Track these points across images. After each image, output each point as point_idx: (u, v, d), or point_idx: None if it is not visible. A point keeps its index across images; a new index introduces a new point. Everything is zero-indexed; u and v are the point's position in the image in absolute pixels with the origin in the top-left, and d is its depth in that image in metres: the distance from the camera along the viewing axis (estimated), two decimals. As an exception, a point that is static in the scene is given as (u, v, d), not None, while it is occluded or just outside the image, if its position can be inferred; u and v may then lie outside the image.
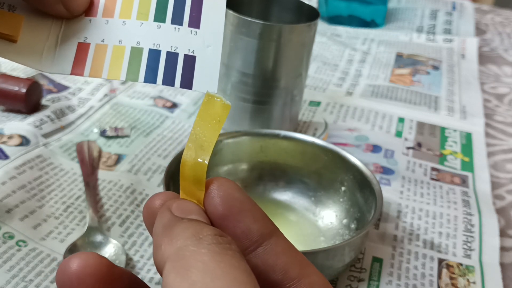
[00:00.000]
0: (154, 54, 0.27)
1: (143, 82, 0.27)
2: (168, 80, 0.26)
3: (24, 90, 0.56)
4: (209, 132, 0.23)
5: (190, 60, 0.26)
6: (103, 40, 0.27)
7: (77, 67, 0.27)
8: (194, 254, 0.17)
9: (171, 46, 0.27)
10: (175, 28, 0.27)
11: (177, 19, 0.27)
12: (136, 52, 0.27)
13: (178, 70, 0.26)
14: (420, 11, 1.05)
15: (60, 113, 0.59)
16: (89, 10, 0.28)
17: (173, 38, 0.27)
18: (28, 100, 0.57)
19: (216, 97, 0.24)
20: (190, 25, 0.27)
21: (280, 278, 0.21)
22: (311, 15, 0.56)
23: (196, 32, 0.27)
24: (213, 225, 0.21)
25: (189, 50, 0.27)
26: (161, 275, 0.18)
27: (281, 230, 0.23)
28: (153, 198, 0.22)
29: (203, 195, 0.21)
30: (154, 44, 0.27)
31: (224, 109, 0.24)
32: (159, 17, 0.27)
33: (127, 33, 0.27)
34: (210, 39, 0.27)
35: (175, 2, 0.28)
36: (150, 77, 0.26)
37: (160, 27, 0.27)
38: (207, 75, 0.26)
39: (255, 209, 0.21)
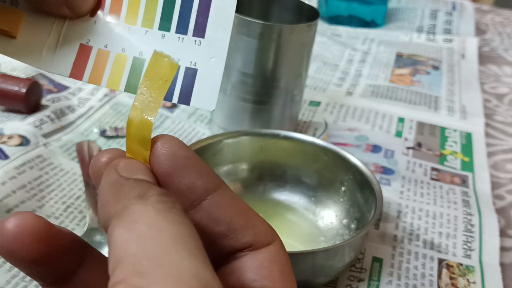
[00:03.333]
0: None
1: None
2: (167, 95, 0.25)
3: (24, 90, 0.56)
4: (156, 91, 0.23)
5: (190, 73, 0.26)
6: (106, 46, 0.26)
7: (77, 70, 0.26)
8: (140, 211, 0.18)
9: (174, 58, 0.26)
10: (179, 38, 0.26)
11: (182, 27, 0.26)
12: (138, 62, 0.26)
13: (177, 83, 0.25)
14: (420, 11, 1.05)
15: (60, 113, 0.59)
16: (95, 10, 0.27)
17: (176, 49, 0.26)
18: (28, 100, 0.57)
19: (163, 56, 0.24)
20: (195, 34, 0.26)
21: (225, 230, 0.21)
22: (311, 15, 0.56)
23: (200, 42, 0.26)
24: (159, 182, 0.21)
25: (191, 62, 0.26)
26: (106, 232, 0.19)
27: (281, 230, 0.23)
28: (99, 155, 0.23)
29: (148, 154, 0.22)
30: None
31: (172, 69, 0.24)
32: (164, 25, 0.26)
33: (131, 41, 0.26)
34: (214, 49, 0.26)
35: (181, 8, 0.27)
36: None
37: (164, 36, 0.26)
38: (207, 90, 0.25)
39: (200, 165, 0.22)
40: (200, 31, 0.26)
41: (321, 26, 0.94)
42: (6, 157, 0.50)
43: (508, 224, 0.50)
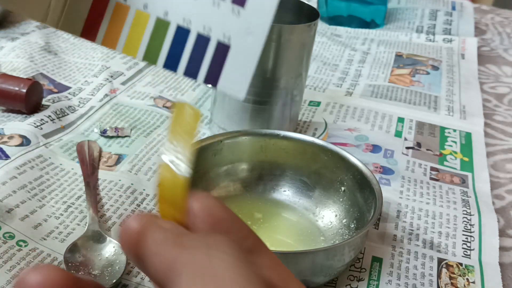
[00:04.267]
0: (181, 34, 0.22)
1: (162, 67, 0.22)
2: (191, 71, 0.22)
3: (24, 90, 0.56)
4: (183, 147, 0.21)
5: (222, 50, 0.21)
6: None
7: (89, 29, 0.22)
8: (212, 260, 0.18)
9: (204, 26, 0.21)
10: (214, 1, 0.21)
11: None
12: (161, 25, 0.22)
13: (205, 60, 0.22)
14: (420, 11, 1.05)
15: (61, 113, 0.59)
16: None
17: (209, 15, 0.21)
18: (28, 100, 0.57)
19: (185, 105, 0.21)
20: (234, 0, 0.21)
21: None
22: (311, 15, 0.56)
23: (239, 12, 0.21)
24: None
25: (224, 35, 0.21)
26: (158, 285, 0.18)
27: (281, 230, 0.23)
28: (129, 222, 0.21)
29: (184, 215, 0.21)
30: (184, 19, 0.22)
31: (195, 118, 0.21)
32: None
33: None
34: (254, 24, 0.21)
35: None
36: (171, 63, 0.22)
37: None
38: (239, 73, 0.21)
39: (240, 226, 0.21)
40: None
41: (321, 26, 0.94)
42: (6, 157, 0.50)
43: (508, 224, 0.51)
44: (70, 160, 0.52)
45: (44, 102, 0.61)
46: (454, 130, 0.66)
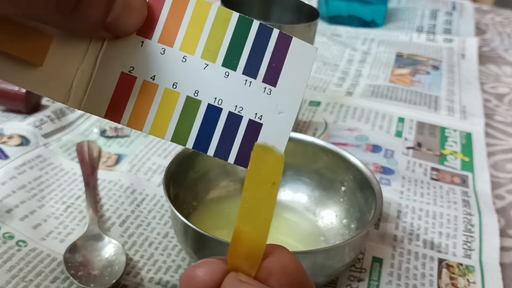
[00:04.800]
0: (212, 113, 0.21)
1: (192, 148, 0.21)
2: (222, 152, 0.21)
3: (24, 90, 0.56)
4: (264, 199, 0.20)
5: (254, 128, 0.21)
6: (153, 78, 0.21)
7: (114, 109, 0.21)
8: None
9: (236, 106, 0.21)
10: (246, 81, 0.21)
11: (251, 69, 0.21)
12: (191, 104, 0.21)
13: (237, 140, 0.21)
14: (420, 11, 1.05)
15: (60, 113, 0.59)
16: (143, 27, 0.21)
17: (241, 95, 0.21)
18: (28, 100, 0.57)
19: (268, 148, 0.19)
20: (265, 80, 0.21)
21: None
22: (311, 15, 0.56)
23: (270, 91, 0.21)
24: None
25: (256, 114, 0.21)
26: None
27: (281, 230, 0.23)
28: (195, 268, 0.20)
29: (255, 270, 0.20)
30: (215, 98, 0.21)
31: (278, 164, 0.19)
32: (230, 61, 0.21)
33: (185, 74, 0.21)
34: (285, 103, 0.21)
35: (253, 44, 0.21)
36: (201, 144, 0.21)
37: (228, 75, 0.21)
38: None
39: (308, 283, 0.21)
40: (272, 78, 0.21)
41: (321, 26, 0.94)
42: (6, 157, 0.50)
43: (508, 224, 0.50)
44: (69, 160, 0.52)
45: (43, 102, 0.61)
46: (455, 130, 0.66)
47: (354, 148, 0.59)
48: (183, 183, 0.45)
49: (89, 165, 0.51)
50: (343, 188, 0.47)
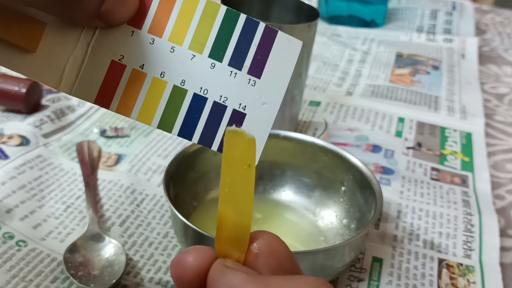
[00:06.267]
0: (198, 102, 0.22)
1: (177, 135, 0.22)
2: (206, 140, 0.22)
3: (24, 90, 0.56)
4: (243, 181, 0.20)
5: (238, 118, 0.22)
6: (142, 67, 0.22)
7: (104, 95, 0.21)
8: None
9: (221, 96, 0.22)
10: (231, 72, 0.22)
11: (236, 60, 0.22)
12: (178, 93, 0.22)
13: (221, 128, 0.22)
14: (420, 11, 1.05)
15: (60, 113, 0.59)
16: (134, 18, 0.22)
17: (226, 85, 0.22)
18: (28, 100, 0.57)
19: (238, 131, 0.20)
20: (250, 72, 0.22)
21: None
22: (311, 15, 0.56)
23: (255, 83, 0.22)
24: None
25: (240, 104, 0.22)
26: None
27: (281, 230, 0.23)
28: (184, 255, 0.20)
29: (243, 255, 0.20)
30: (201, 88, 0.22)
31: (250, 147, 0.20)
32: (216, 52, 0.22)
33: (173, 64, 0.22)
34: (269, 94, 0.22)
35: (240, 37, 0.22)
36: (186, 132, 0.22)
37: (214, 66, 0.22)
38: None
39: (296, 267, 0.21)
40: (256, 70, 0.22)
41: (321, 26, 0.94)
42: (6, 157, 0.50)
43: (508, 224, 0.50)
44: (69, 160, 0.52)
45: (43, 102, 0.61)
46: (455, 130, 0.66)
47: (354, 148, 0.59)
48: (183, 183, 0.45)
49: (89, 165, 0.51)
50: (343, 188, 0.47)
